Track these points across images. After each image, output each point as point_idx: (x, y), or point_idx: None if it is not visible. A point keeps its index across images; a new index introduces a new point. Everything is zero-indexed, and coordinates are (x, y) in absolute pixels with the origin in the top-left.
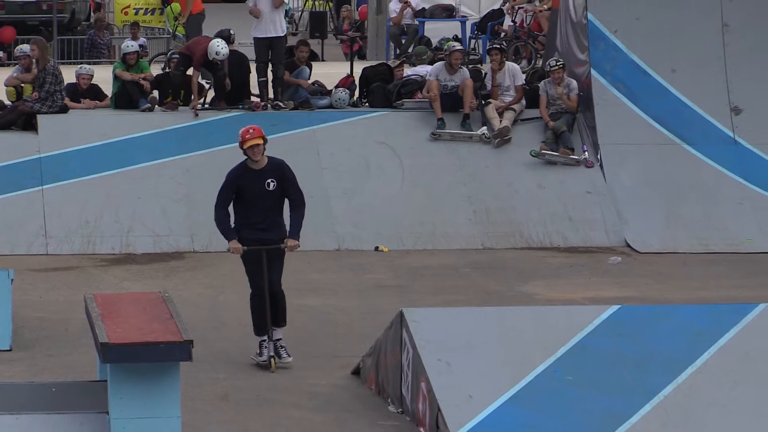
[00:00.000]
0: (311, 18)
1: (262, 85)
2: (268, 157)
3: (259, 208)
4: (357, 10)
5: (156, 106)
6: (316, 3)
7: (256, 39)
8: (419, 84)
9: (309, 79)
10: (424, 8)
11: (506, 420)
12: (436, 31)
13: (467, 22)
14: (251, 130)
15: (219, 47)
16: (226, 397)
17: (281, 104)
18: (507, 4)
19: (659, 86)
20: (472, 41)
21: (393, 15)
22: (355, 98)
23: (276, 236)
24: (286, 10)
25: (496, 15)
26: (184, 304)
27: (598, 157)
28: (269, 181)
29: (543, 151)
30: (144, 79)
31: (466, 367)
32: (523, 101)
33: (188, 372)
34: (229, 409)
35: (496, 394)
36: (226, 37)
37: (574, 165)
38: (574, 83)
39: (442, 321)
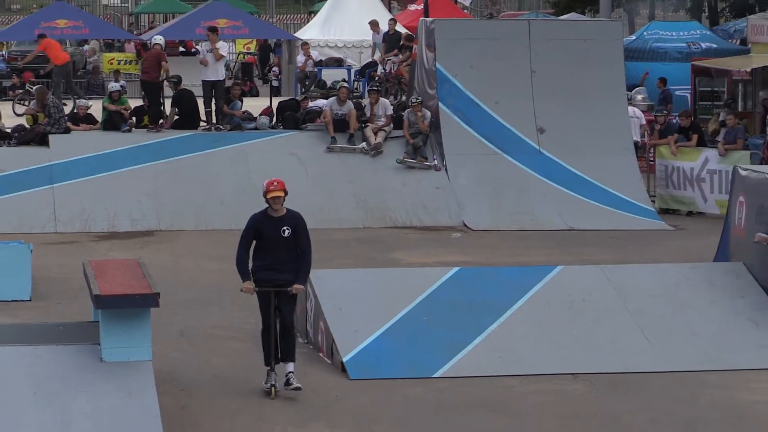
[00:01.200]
0: (242, 67)
1: (208, 114)
2: (287, 208)
3: (274, 252)
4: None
5: (133, 128)
6: (246, 56)
7: (203, 81)
8: (318, 113)
9: (241, 109)
10: (321, 60)
11: (380, 347)
12: (330, 76)
13: (352, 69)
14: (275, 183)
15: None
16: (183, 332)
17: (221, 127)
18: (380, 57)
19: (486, 114)
20: (356, 83)
21: (299, 64)
22: (273, 122)
23: (288, 277)
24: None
25: (372, 64)
26: (153, 267)
27: (444, 163)
28: (285, 228)
29: (405, 160)
30: (124, 109)
31: (353, 311)
32: (392, 125)
33: (156, 315)
34: (185, 342)
35: (373, 329)
36: (178, 79)
37: (427, 169)
38: (428, 113)
39: (336, 278)
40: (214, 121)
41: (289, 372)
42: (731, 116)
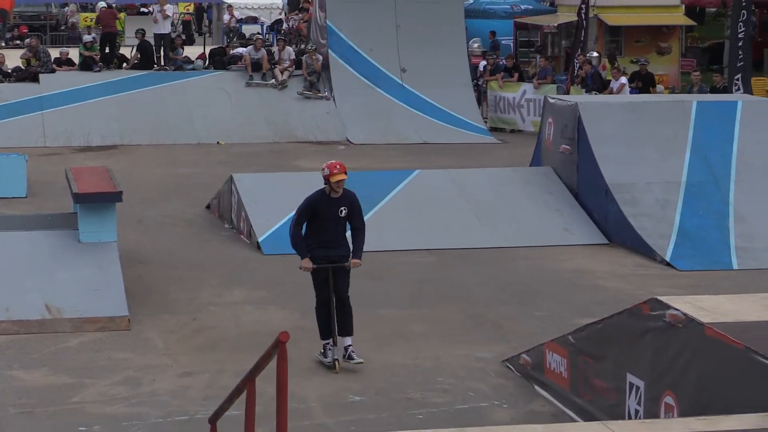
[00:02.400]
0: (182, 23)
1: (158, 59)
2: (343, 188)
3: (329, 230)
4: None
5: (102, 69)
6: (184, 16)
7: (155, 34)
8: (239, 57)
9: (182, 54)
10: (241, 18)
11: (287, 230)
12: (248, 30)
13: (264, 25)
14: (338, 166)
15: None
16: (141, 221)
17: (167, 68)
18: (285, 16)
19: (364, 58)
20: (267, 35)
21: (226, 21)
22: (206, 64)
23: (341, 252)
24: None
25: (279, 21)
26: (118, 172)
27: (332, 95)
28: (342, 208)
29: (304, 92)
30: (95, 55)
31: (265, 204)
32: (294, 66)
33: (120, 207)
34: (140, 226)
35: (281, 217)
36: (144, 32)
37: (320, 99)
38: (320, 57)
39: (253, 179)
40: (162, 63)
41: (349, 345)
42: (543, 59)
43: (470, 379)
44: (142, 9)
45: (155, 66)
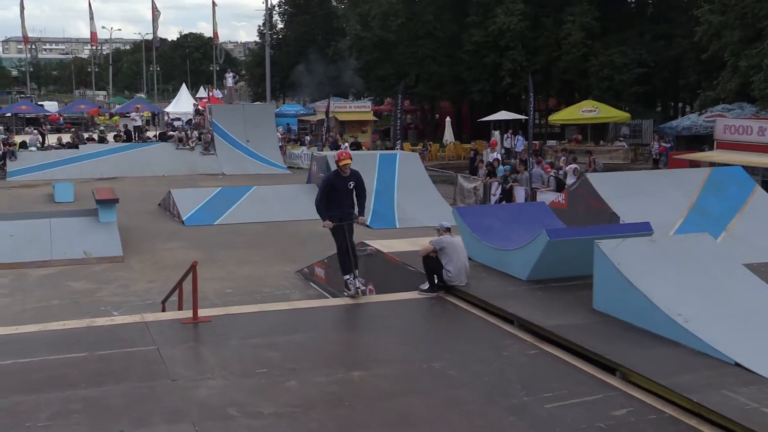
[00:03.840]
0: (146, 120)
1: (135, 138)
2: (350, 169)
3: (342, 198)
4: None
5: (109, 143)
6: (147, 117)
7: (133, 126)
8: (172, 136)
9: (146, 134)
10: (173, 118)
11: (197, 213)
12: (176, 123)
13: (183, 121)
14: (344, 154)
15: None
16: (127, 211)
17: (140, 142)
18: (193, 116)
19: (231, 137)
20: (185, 126)
21: (166, 120)
22: (157, 140)
23: (351, 212)
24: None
25: (190, 119)
26: (116, 190)
27: (216, 152)
28: (350, 182)
29: (202, 152)
30: (105, 136)
31: (186, 202)
32: (198, 140)
33: (118, 205)
34: (128, 214)
35: (194, 207)
36: (126, 125)
37: (211, 155)
38: (210, 135)
39: (180, 192)
40: (136, 140)
41: (356, 271)
42: (311, 135)
43: (280, 281)
44: (125, 114)
45: (133, 140)
